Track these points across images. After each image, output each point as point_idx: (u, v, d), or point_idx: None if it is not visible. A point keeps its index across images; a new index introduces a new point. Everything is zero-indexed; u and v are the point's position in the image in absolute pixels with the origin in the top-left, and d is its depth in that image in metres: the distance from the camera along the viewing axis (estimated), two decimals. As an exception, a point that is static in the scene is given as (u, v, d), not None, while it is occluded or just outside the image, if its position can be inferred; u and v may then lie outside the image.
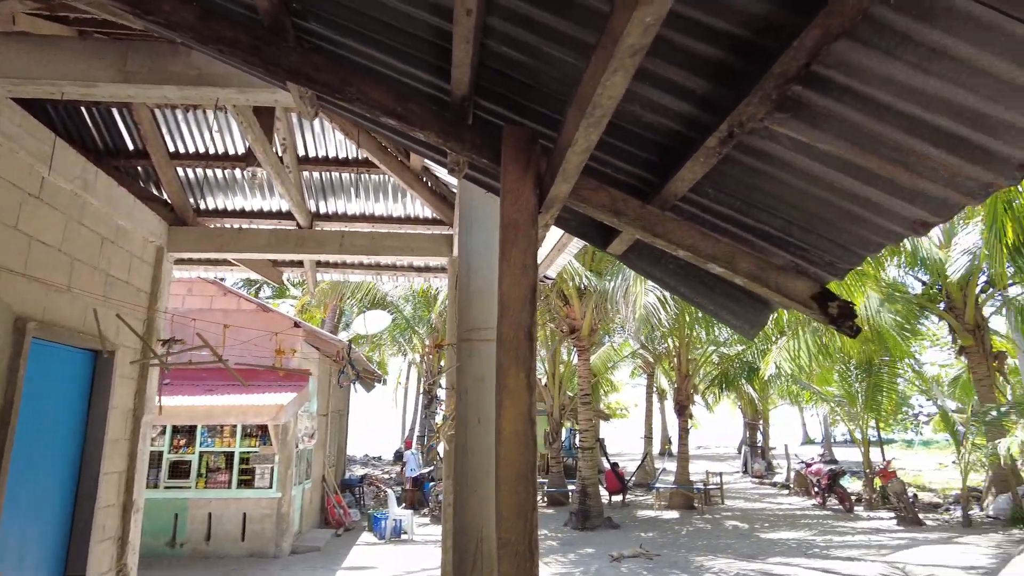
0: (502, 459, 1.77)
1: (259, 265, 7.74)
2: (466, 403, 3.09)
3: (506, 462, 1.77)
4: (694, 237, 2.15)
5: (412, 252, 6.80)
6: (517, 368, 1.84)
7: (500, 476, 1.76)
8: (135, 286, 6.02)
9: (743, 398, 25.53)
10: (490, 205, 3.41)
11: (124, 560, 5.84)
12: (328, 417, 15.39)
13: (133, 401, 5.99)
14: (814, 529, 13.31)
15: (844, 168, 1.76)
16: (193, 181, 6.81)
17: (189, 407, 10.48)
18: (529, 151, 2.04)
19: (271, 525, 10.88)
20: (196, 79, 3.46)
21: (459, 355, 3.21)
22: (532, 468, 1.78)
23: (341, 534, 13.24)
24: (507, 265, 1.93)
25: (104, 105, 5.77)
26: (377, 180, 6.87)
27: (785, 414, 40.92)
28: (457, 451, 3.08)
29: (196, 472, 11.04)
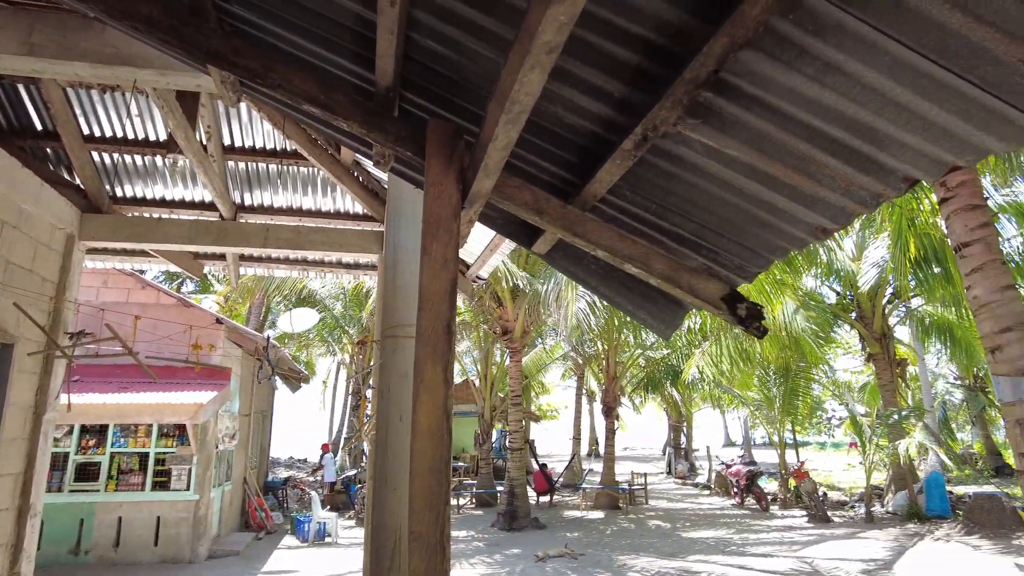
0: (416, 452, 1.77)
1: (179, 257, 7.41)
2: (388, 400, 3.05)
3: (420, 455, 1.77)
4: (612, 238, 2.20)
5: (341, 248, 6.67)
6: (435, 362, 1.84)
7: (414, 469, 1.76)
8: (40, 275, 5.66)
9: (668, 401, 26.28)
10: (418, 200, 3.39)
11: (18, 569, 5.47)
12: (251, 417, 14.89)
13: (34, 398, 5.63)
14: (732, 528, 13.82)
15: (752, 174, 1.85)
16: (109, 166, 6.46)
17: (99, 405, 9.90)
18: (453, 146, 2.05)
19: (187, 529, 10.42)
20: (111, 58, 3.29)
21: (383, 352, 3.17)
22: (446, 462, 1.78)
23: (262, 537, 12.84)
24: (428, 259, 1.93)
25: (8, 79, 5.40)
26: (306, 173, 6.71)
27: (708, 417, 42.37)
28: (378, 449, 3.04)
29: (106, 474, 10.45)
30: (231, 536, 12.47)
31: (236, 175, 6.69)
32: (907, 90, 1.38)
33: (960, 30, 1.24)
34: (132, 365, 11.52)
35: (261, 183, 6.80)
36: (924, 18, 1.23)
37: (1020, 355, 5.92)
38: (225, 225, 6.59)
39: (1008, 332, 6.01)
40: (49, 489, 10.21)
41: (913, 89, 1.37)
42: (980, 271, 6.30)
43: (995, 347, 6.06)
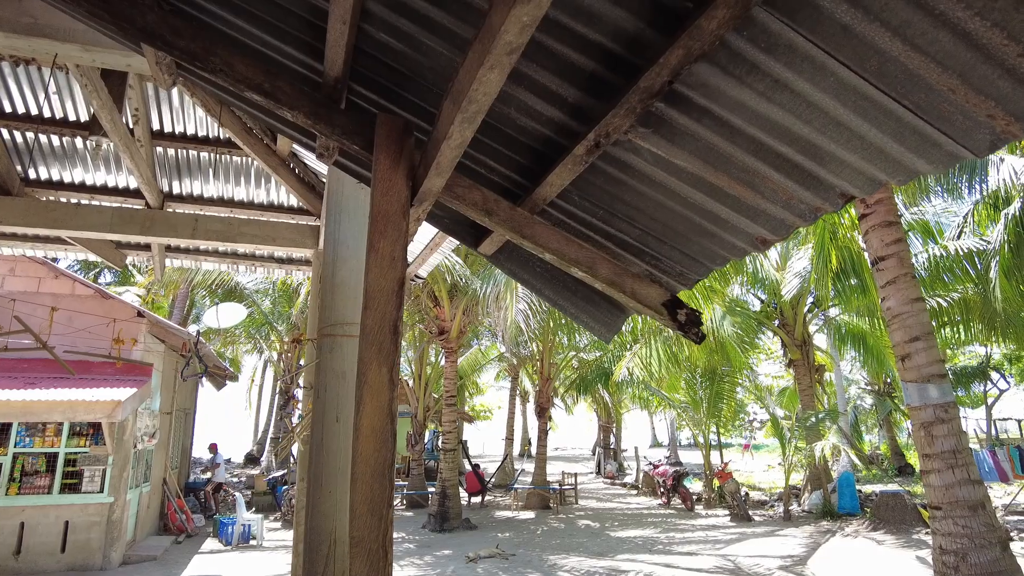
0: (359, 455, 1.72)
1: (99, 246, 7.00)
2: (324, 400, 2.97)
3: (363, 458, 1.72)
4: (559, 241, 2.21)
5: (274, 242, 6.46)
6: (380, 363, 1.80)
7: (356, 472, 1.71)
8: (-61, 261, 5.23)
9: (598, 402, 26.75)
10: (361, 195, 3.32)
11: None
12: (172, 415, 14.24)
13: (-71, 393, 5.19)
14: (659, 527, 14.19)
15: (697, 184, 1.90)
16: (22, 146, 6.04)
17: (3, 402, 9.19)
18: (402, 142, 2.01)
19: (99, 534, 9.86)
20: (29, 28, 3.06)
21: (319, 350, 3.09)
22: (389, 465, 1.74)
23: (182, 541, 12.29)
24: (375, 256, 1.88)
25: (-90, 49, 4.97)
26: (239, 162, 6.47)
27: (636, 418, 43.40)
28: (312, 450, 2.95)
29: (7, 476, 9.75)
30: (148, 540, 11.88)
31: (164, 162, 6.38)
32: (849, 110, 1.45)
33: (899, 57, 1.31)
34: (41, 359, 10.80)
35: (191, 171, 6.51)
36: (867, 43, 1.29)
37: (926, 363, 6.33)
38: (151, 214, 6.27)
39: (916, 341, 6.42)
40: (-58, 493, 9.47)
41: (854, 110, 1.44)
42: (893, 284, 6.69)
43: (905, 355, 6.45)
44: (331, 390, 2.98)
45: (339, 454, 2.91)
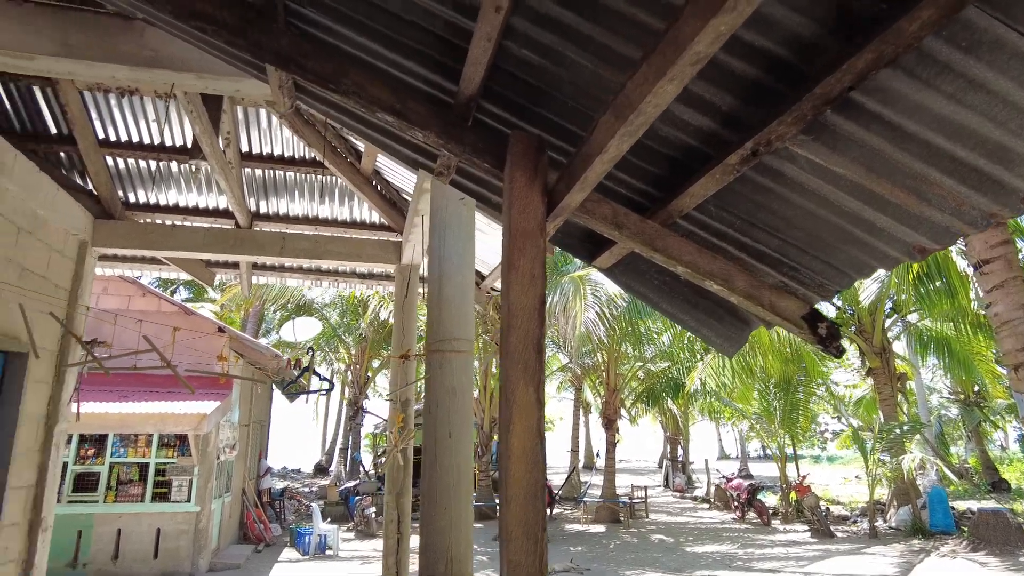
0: (511, 477, 1.69)
1: (191, 265, 7.30)
2: (436, 416, 2.97)
3: (515, 480, 1.68)
4: (693, 253, 2.14)
5: (359, 258, 6.58)
6: (526, 382, 1.76)
7: (509, 494, 1.67)
8: (53, 282, 5.54)
9: (665, 413, 26.21)
10: (463, 211, 3.33)
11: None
12: (249, 427, 14.70)
13: (47, 408, 5.49)
14: (736, 542, 13.74)
15: (854, 192, 1.79)
16: (123, 172, 6.35)
17: (102, 415, 9.71)
18: (537, 159, 1.98)
19: (187, 542, 10.23)
20: (151, 61, 3.21)
21: (429, 366, 3.09)
22: (541, 487, 1.70)
23: (262, 550, 12.63)
24: (515, 275, 1.85)
25: (24, 83, 5.30)
26: (323, 181, 6.63)
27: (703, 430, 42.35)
28: (426, 467, 2.95)
29: (105, 485, 10.25)
30: (230, 549, 12.26)
31: (253, 183, 6.60)
32: (1056, 108, 1.33)
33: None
34: (132, 374, 11.34)
35: (277, 190, 6.71)
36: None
37: (1042, 373, 5.91)
38: (241, 233, 6.49)
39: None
40: (47, 500, 10.01)
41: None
42: (1001, 288, 6.29)
43: (1018, 364, 6.04)
44: (443, 406, 2.97)
45: (452, 470, 2.90)
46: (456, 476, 2.92)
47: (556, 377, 28.08)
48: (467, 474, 2.96)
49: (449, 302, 3.16)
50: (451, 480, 2.90)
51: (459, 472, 2.92)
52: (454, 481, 2.90)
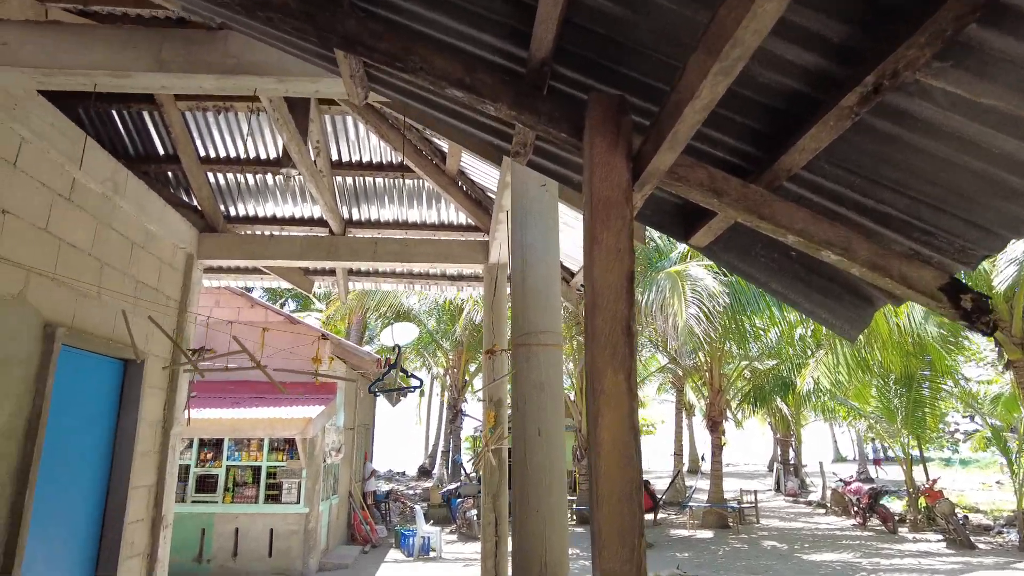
0: (602, 475, 1.50)
1: (290, 273, 7.56)
2: (524, 413, 2.81)
3: (606, 478, 1.49)
4: (805, 220, 1.86)
5: (447, 259, 6.57)
6: (615, 369, 1.57)
7: (600, 494, 1.49)
8: (165, 293, 5.86)
9: (775, 414, 24.84)
10: (546, 198, 3.16)
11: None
12: (354, 431, 15.18)
13: (162, 412, 5.81)
14: (858, 551, 12.74)
15: (1010, 127, 1.47)
16: (224, 187, 6.67)
17: (216, 420, 10.33)
18: (619, 120, 1.78)
19: (298, 542, 10.64)
20: (233, 68, 3.27)
21: (515, 361, 2.94)
22: (637, 486, 1.50)
23: (368, 551, 12.97)
24: (599, 250, 1.67)
25: (135, 108, 5.65)
26: (411, 185, 6.68)
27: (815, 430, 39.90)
28: (515, 467, 2.80)
29: (223, 486, 10.86)
30: (339, 550, 12.66)
31: (344, 190, 6.74)
32: None
33: None
34: (244, 381, 12.00)
35: (368, 197, 6.82)
36: None
37: None
38: (335, 240, 6.64)
39: None
40: (175, 500, 10.71)
41: None
42: None
43: None
44: (531, 402, 2.81)
45: (544, 470, 2.73)
46: (548, 476, 2.75)
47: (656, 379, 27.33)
48: (560, 474, 2.78)
49: (534, 293, 3.00)
50: (542, 480, 2.73)
51: (551, 472, 2.75)
52: (546, 481, 2.73)
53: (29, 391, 3.99)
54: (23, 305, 3.97)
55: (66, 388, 4.47)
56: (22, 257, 3.95)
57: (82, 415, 4.75)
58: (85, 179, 4.53)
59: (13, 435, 3.87)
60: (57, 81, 3.34)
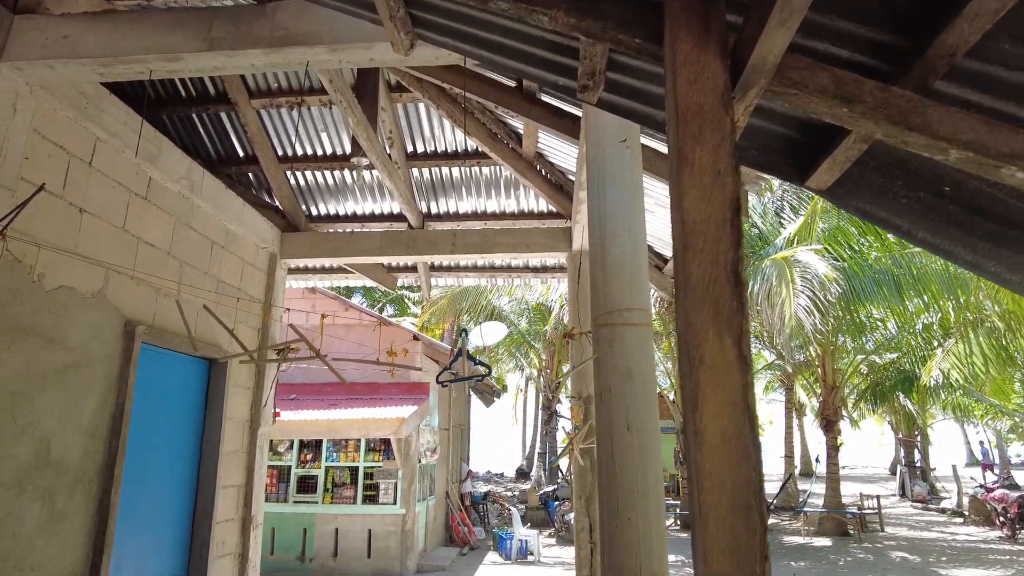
0: (705, 476, 1.07)
1: (373, 271, 7.47)
2: (610, 405, 2.40)
3: (712, 480, 1.07)
4: (976, 128, 1.36)
5: (528, 249, 6.22)
6: (719, 332, 1.14)
7: (704, 503, 1.06)
8: (248, 293, 5.85)
9: (897, 412, 22.79)
10: (626, 156, 2.73)
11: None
12: (449, 432, 15.15)
13: (249, 412, 5.80)
14: (1009, 567, 11.27)
15: None
16: (304, 186, 6.64)
17: (313, 421, 10.52)
18: (707, 10, 1.35)
19: (396, 543, 10.62)
20: (282, 39, 3.06)
21: (597, 344, 2.53)
22: (757, 491, 1.06)
23: (466, 553, 12.83)
24: (689, 172, 1.24)
25: (213, 110, 5.68)
26: (488, 175, 6.39)
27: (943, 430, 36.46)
28: (602, 467, 2.39)
29: (323, 487, 11.03)
30: (437, 551, 12.60)
31: (421, 184, 6.55)
32: None
33: None
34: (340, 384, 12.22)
35: (446, 190, 6.59)
36: None
37: None
38: (414, 234, 6.45)
39: None
40: (277, 500, 11.01)
41: None
42: None
43: None
44: (617, 392, 2.39)
45: (635, 471, 2.31)
46: (642, 479, 2.32)
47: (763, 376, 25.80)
48: (655, 475, 2.35)
49: (616, 266, 2.58)
50: (634, 484, 2.30)
51: (645, 473, 2.32)
52: (639, 485, 2.30)
53: (112, 389, 3.98)
54: (103, 303, 3.96)
55: (149, 386, 4.47)
56: (101, 256, 3.95)
57: (166, 414, 4.76)
58: (161, 178, 4.52)
59: (97, 433, 3.87)
60: (115, 72, 3.26)
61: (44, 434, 3.49)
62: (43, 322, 3.50)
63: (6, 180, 3.22)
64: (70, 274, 3.71)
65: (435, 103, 5.31)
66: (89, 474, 3.80)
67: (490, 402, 20.03)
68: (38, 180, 3.48)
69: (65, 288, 3.67)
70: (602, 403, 2.46)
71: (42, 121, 3.52)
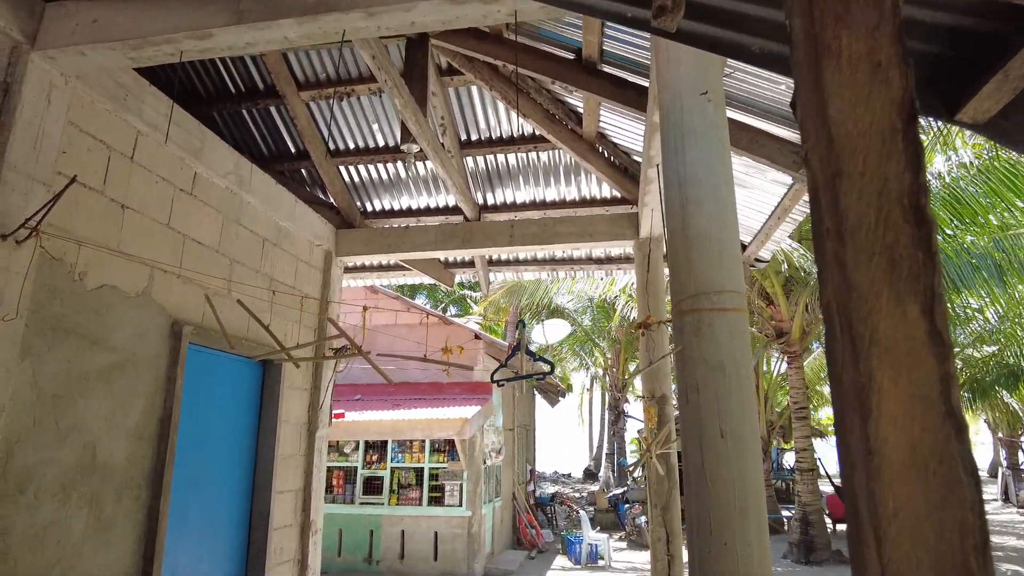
0: (889, 520, 0.68)
1: (430, 267, 7.22)
2: (698, 407, 1.99)
3: (902, 526, 0.67)
4: None
5: (591, 238, 5.81)
6: (896, 292, 0.74)
7: (891, 564, 0.67)
8: (303, 291, 5.69)
9: (997, 409, 21.05)
10: (709, 112, 2.31)
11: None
12: (514, 432, 14.85)
13: (307, 414, 5.63)
14: None
15: None
16: (358, 182, 6.44)
17: (377, 421, 10.43)
18: None
19: (462, 545, 10.39)
20: (315, 6, 2.79)
21: (680, 334, 2.13)
22: (978, 545, 0.66)
23: (535, 556, 12.50)
24: (835, 67, 0.84)
25: (262, 104, 5.53)
26: (547, 161, 6.01)
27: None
28: (689, 480, 1.99)
29: (388, 488, 10.93)
30: (504, 554, 12.31)
31: (477, 175, 6.24)
32: None
33: None
34: (404, 383, 12.12)
35: (502, 179, 6.26)
36: None
37: None
38: (470, 226, 6.14)
39: None
40: (344, 501, 10.97)
41: None
42: None
43: None
44: (707, 390, 1.98)
45: (732, 485, 1.89)
46: (739, 495, 1.90)
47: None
48: (756, 491, 1.92)
49: (701, 240, 2.17)
50: (730, 501, 1.89)
51: (744, 489, 1.90)
52: (736, 503, 1.89)
53: (159, 391, 3.83)
54: (148, 303, 3.82)
55: (199, 389, 4.33)
56: (145, 254, 3.80)
57: (219, 417, 4.61)
58: (207, 172, 4.37)
59: (145, 437, 3.72)
60: (146, 55, 3.07)
61: (89, 438, 3.35)
62: (85, 322, 3.36)
63: (41, 175, 3.08)
64: (113, 273, 3.56)
65: (487, 84, 4.98)
66: (137, 479, 3.65)
67: (555, 402, 19.65)
68: (77, 174, 3.34)
69: (108, 287, 3.53)
70: (688, 404, 2.05)
71: (79, 113, 3.39)
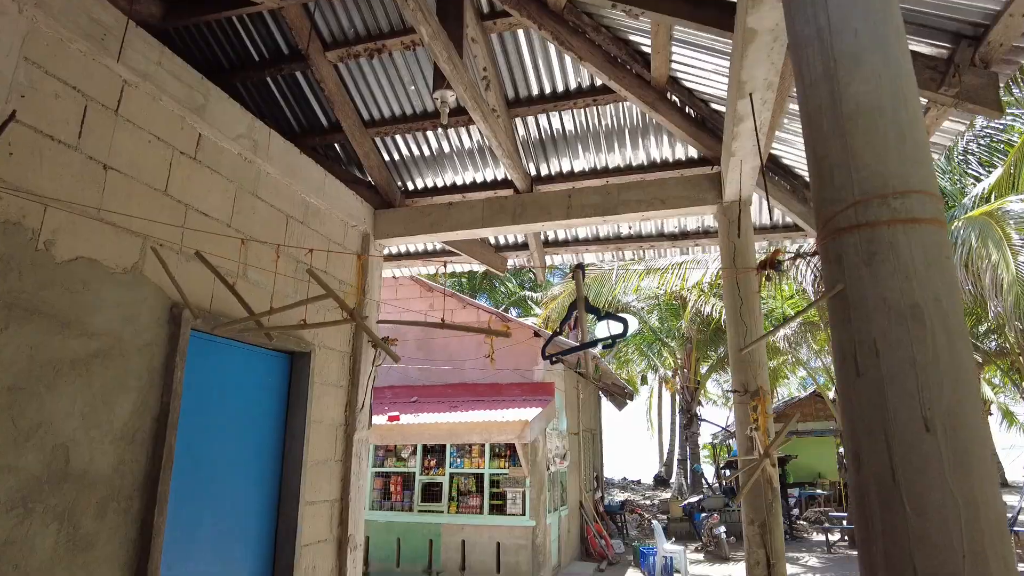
0: None
1: (479, 251, 6.51)
2: (879, 380, 1.17)
3: None
4: None
5: (663, 205, 4.96)
6: None
7: None
8: (335, 276, 5.07)
9: None
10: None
11: (343, 608, 4.79)
12: (580, 436, 13.98)
13: (343, 414, 5.00)
14: None
15: None
16: (397, 160, 5.80)
17: (433, 424, 9.81)
18: None
19: (526, 557, 9.62)
20: None
21: (833, 266, 1.32)
22: None
23: (604, 569, 11.61)
24: None
25: (286, 70, 4.95)
26: (610, 120, 5.19)
27: None
28: (870, 500, 1.17)
29: (448, 495, 10.29)
30: (572, 566, 11.48)
31: (528, 143, 5.49)
32: None
33: None
34: (461, 384, 11.48)
35: (557, 146, 5.49)
36: None
37: None
38: (522, 199, 5.40)
39: None
40: (402, 508, 10.41)
41: None
42: None
43: None
44: (894, 352, 1.15)
45: (950, 511, 1.06)
46: (970, 529, 1.08)
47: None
48: (996, 523, 1.09)
49: (861, 116, 1.34)
50: (950, 540, 1.06)
51: (975, 519, 1.07)
52: (964, 543, 1.07)
53: (153, 386, 3.25)
54: (139, 281, 3.24)
55: (208, 383, 3.73)
56: (135, 224, 3.22)
57: (234, 416, 4.00)
58: (213, 134, 3.78)
59: (136, 439, 3.13)
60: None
61: (59, 440, 2.77)
62: (53, 301, 2.79)
63: (-13, 118, 2.52)
64: (91, 243, 2.99)
65: (536, 22, 4.22)
66: (126, 489, 3.06)
67: (622, 404, 18.62)
68: (41, 123, 2.78)
69: (85, 260, 2.96)
70: (858, 379, 1.23)
71: (43, 51, 2.82)
